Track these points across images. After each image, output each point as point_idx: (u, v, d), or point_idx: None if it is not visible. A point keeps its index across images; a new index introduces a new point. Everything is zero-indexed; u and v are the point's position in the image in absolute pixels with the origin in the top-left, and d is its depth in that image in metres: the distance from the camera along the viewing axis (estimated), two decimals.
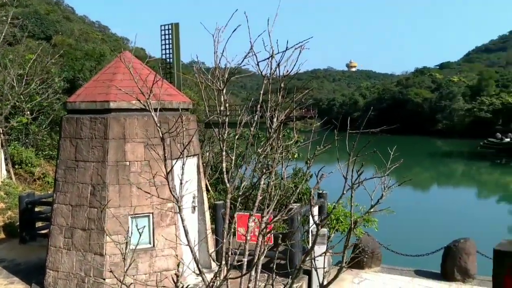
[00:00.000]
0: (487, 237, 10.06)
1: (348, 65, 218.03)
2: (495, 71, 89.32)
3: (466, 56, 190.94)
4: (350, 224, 2.44)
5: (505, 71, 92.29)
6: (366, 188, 2.51)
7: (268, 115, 2.77)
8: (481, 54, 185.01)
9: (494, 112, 58.70)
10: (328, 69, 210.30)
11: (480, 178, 38.98)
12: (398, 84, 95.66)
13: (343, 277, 8.84)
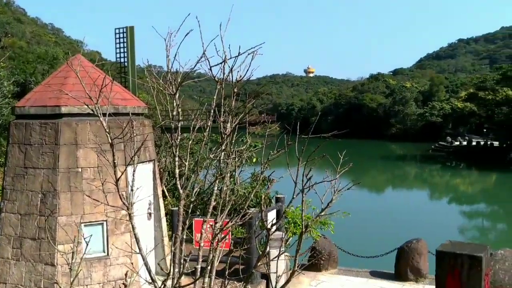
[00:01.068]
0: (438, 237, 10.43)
1: (306, 71, 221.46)
2: (445, 77, 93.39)
3: (418, 63, 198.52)
4: (302, 228, 2.46)
5: (454, 77, 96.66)
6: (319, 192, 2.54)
7: (221, 120, 2.75)
8: (432, 61, 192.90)
9: (444, 117, 61.24)
10: (287, 74, 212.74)
11: (432, 180, 40.48)
12: (354, 89, 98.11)
13: (301, 280, 8.92)
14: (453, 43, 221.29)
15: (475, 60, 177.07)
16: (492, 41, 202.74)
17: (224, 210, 2.71)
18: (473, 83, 54.24)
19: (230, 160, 2.63)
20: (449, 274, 3.09)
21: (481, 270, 3.06)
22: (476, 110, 50.18)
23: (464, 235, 20.67)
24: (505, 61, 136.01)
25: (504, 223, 24.91)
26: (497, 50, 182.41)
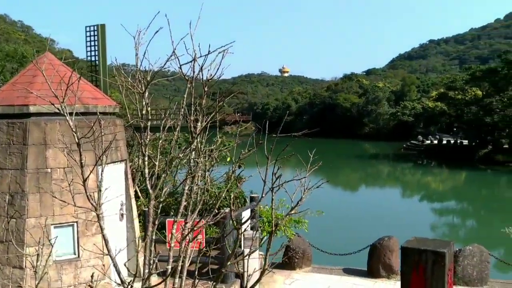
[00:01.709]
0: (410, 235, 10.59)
1: (281, 70, 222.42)
2: (417, 77, 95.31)
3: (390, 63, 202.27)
4: (272, 227, 2.46)
5: (426, 77, 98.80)
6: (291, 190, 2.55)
7: (191, 119, 2.73)
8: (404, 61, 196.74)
9: (416, 116, 62.59)
10: (262, 74, 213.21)
11: (404, 179, 41.28)
12: (328, 89, 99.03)
13: (275, 278, 8.96)
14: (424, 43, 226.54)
15: (445, 61, 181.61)
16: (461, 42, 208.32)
17: (194, 210, 2.70)
18: (443, 83, 55.55)
19: (201, 159, 2.62)
20: (414, 270, 3.15)
21: (444, 265, 3.14)
22: (446, 110, 51.45)
23: (435, 232, 21.12)
24: (474, 61, 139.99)
25: (473, 219, 25.61)
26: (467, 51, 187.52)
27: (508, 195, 32.22)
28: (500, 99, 42.36)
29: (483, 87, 47.61)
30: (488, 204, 28.78)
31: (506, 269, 11.50)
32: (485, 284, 8.69)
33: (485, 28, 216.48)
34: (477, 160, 44.63)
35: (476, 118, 43.97)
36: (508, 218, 24.51)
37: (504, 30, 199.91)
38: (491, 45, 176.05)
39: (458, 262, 8.79)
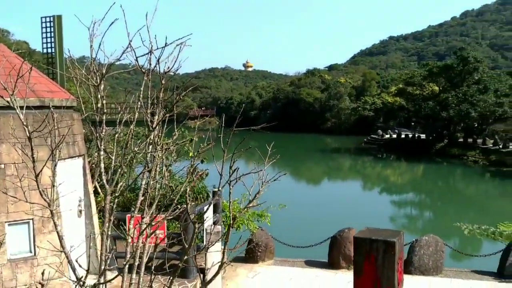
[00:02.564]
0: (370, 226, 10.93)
1: (245, 65, 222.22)
2: (377, 73, 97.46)
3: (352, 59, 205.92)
4: (230, 220, 2.47)
5: (385, 73, 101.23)
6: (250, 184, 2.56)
7: (148, 112, 2.69)
8: (365, 57, 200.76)
9: (376, 111, 64.08)
10: (226, 68, 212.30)
11: (365, 172, 42.24)
12: (291, 84, 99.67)
13: (238, 272, 9.00)
14: (385, 40, 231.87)
15: (404, 57, 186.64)
16: (420, 39, 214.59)
17: (152, 205, 2.66)
18: (402, 79, 57.00)
19: (157, 153, 2.58)
20: (366, 259, 3.26)
21: (394, 254, 3.26)
22: (405, 105, 52.89)
23: (394, 223, 21.75)
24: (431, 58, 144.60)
25: (430, 211, 26.54)
26: (425, 48, 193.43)
27: (462, 186, 33.61)
28: (456, 95, 43.93)
29: (440, 83, 49.23)
30: (444, 196, 29.92)
31: (460, 258, 12.01)
32: (440, 273, 9.04)
33: (442, 25, 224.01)
34: (433, 153, 46.21)
35: (433, 113, 45.44)
36: (462, 209, 25.61)
37: (460, 28, 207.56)
38: (448, 42, 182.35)
39: (414, 252, 9.11)
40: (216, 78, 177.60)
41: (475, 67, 44.94)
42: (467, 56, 44.99)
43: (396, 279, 3.26)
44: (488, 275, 9.02)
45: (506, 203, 26.81)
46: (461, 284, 8.51)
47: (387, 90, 71.27)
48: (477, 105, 42.37)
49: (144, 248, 2.72)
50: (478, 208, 25.53)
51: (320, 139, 70.58)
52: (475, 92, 43.15)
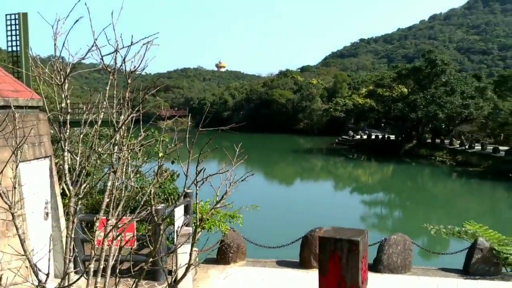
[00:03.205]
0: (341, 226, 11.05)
1: (217, 65, 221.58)
2: (348, 75, 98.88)
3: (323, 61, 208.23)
4: (196, 221, 2.44)
5: (356, 75, 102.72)
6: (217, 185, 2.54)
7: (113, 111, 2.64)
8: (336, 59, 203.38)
9: (347, 112, 64.91)
10: (198, 68, 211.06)
11: (336, 172, 42.75)
12: (264, 85, 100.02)
13: (210, 273, 8.95)
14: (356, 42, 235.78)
15: (374, 59, 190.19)
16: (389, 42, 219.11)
17: (117, 207, 2.61)
18: (372, 80, 58.03)
19: (123, 154, 2.54)
20: (330, 258, 3.29)
21: (358, 253, 3.31)
22: (375, 106, 53.86)
23: (365, 223, 22.06)
24: (400, 60, 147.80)
25: (400, 210, 27.08)
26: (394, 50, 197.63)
27: (430, 186, 34.45)
28: (424, 96, 45.00)
29: (409, 85, 50.34)
30: (412, 195, 30.59)
31: (427, 256, 12.29)
32: (408, 271, 9.22)
33: (411, 28, 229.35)
34: (403, 154, 47.21)
35: (402, 114, 46.42)
36: (430, 208, 26.24)
37: (428, 31, 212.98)
38: (417, 45, 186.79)
39: (383, 251, 9.27)
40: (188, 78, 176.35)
41: (443, 70, 46.15)
42: (435, 58, 46.15)
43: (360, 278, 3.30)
44: (454, 272, 9.27)
45: (471, 202, 27.65)
46: (428, 281, 8.71)
47: (357, 92, 72.41)
48: (444, 106, 43.53)
49: (110, 250, 2.66)
50: (446, 207, 26.23)
51: (292, 140, 71.06)
52: (442, 94, 44.31)
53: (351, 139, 60.04)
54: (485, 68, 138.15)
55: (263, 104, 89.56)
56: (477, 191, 30.76)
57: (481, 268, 9.06)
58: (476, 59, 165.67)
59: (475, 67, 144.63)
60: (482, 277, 8.92)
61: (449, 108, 43.57)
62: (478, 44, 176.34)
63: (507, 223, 20.22)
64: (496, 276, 8.98)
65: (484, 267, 9.06)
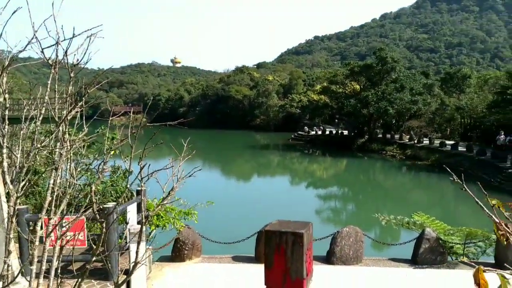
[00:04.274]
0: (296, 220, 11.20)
1: (173, 61, 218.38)
2: (303, 72, 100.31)
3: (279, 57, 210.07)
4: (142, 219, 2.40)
5: (311, 72, 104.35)
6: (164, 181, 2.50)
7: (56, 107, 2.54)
8: (291, 56, 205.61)
9: (302, 108, 65.87)
10: (153, 64, 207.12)
11: (292, 167, 43.29)
12: (220, 81, 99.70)
13: (165, 271, 8.84)
14: (310, 40, 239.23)
15: (328, 56, 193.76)
16: (343, 39, 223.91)
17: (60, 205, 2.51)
18: (326, 77, 59.10)
19: (64, 150, 2.44)
20: (276, 251, 3.33)
21: (303, 246, 3.37)
22: (329, 102, 54.91)
23: (319, 216, 22.48)
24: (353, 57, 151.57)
25: (353, 203, 27.79)
26: (347, 48, 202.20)
27: (381, 179, 35.57)
28: (375, 93, 46.34)
29: (361, 82, 51.68)
30: (365, 189, 31.49)
31: (379, 247, 12.69)
32: (360, 262, 9.50)
33: (363, 27, 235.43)
34: (355, 149, 48.46)
35: (354, 110, 47.57)
36: (381, 200, 27.12)
37: (379, 29, 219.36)
38: (368, 43, 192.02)
39: (336, 243, 9.49)
40: (142, 73, 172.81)
41: (393, 67, 47.68)
42: (386, 56, 47.59)
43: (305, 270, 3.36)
44: (404, 262, 9.63)
45: (420, 194, 28.82)
46: (378, 272, 9.00)
47: (312, 88, 73.63)
48: (394, 102, 45.02)
49: (54, 251, 2.57)
50: (396, 199, 27.19)
51: (249, 136, 71.32)
52: (392, 91, 45.78)
53: (306, 135, 60.99)
54: (433, 66, 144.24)
55: (220, 100, 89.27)
56: (425, 183, 32.09)
57: (428, 257, 9.46)
58: (424, 57, 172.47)
59: (424, 64, 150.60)
60: (429, 266, 9.32)
61: (399, 104, 45.11)
62: (426, 42, 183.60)
63: (453, 214, 21.26)
64: (442, 264, 9.42)
65: (431, 256, 9.47)
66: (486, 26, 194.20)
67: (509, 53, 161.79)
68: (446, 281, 8.43)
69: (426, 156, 38.66)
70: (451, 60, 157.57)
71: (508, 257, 8.89)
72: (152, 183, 2.74)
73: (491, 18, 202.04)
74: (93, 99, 5.48)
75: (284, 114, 74.43)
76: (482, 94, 46.76)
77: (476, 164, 31.79)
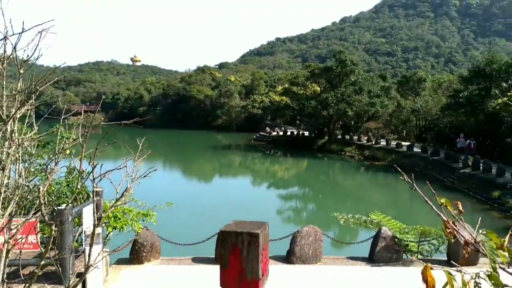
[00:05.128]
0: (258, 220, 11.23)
1: (132, 59, 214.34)
2: (265, 73, 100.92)
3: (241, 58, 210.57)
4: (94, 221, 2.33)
5: (273, 73, 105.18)
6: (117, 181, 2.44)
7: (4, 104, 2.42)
8: (254, 56, 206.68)
9: (264, 109, 66.19)
10: (112, 62, 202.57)
11: (254, 168, 43.42)
12: (181, 80, 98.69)
13: (122, 274, 8.65)
14: (272, 41, 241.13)
15: (290, 58, 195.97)
16: (304, 42, 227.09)
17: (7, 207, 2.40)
18: (288, 79, 59.70)
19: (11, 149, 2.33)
20: (231, 252, 3.33)
21: (258, 246, 3.38)
22: (291, 103, 55.40)
23: (280, 216, 22.65)
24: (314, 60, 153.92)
25: (313, 203, 28.17)
26: (308, 50, 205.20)
27: (340, 179, 36.28)
28: (335, 95, 47.18)
29: (321, 84, 52.48)
30: (325, 188, 32.01)
31: (338, 246, 12.93)
32: (319, 261, 9.63)
33: (324, 30, 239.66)
34: (316, 149, 49.19)
35: (315, 111, 48.25)
36: (340, 200, 27.65)
37: (339, 33, 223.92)
38: (329, 46, 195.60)
39: (296, 242, 9.59)
40: (101, 72, 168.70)
41: (352, 70, 48.71)
42: (345, 59, 48.55)
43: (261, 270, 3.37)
44: (361, 260, 9.85)
45: (377, 193, 29.59)
46: (337, 270, 9.16)
47: (274, 89, 74.10)
48: (353, 104, 46.02)
49: (1, 255, 2.45)
50: (355, 198, 27.80)
51: (211, 136, 70.99)
52: (351, 93, 46.78)
53: (268, 136, 61.35)
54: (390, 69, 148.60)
55: (181, 99, 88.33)
56: (382, 183, 32.98)
57: (384, 255, 9.72)
58: (382, 60, 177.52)
59: (381, 67, 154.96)
60: (385, 264, 9.58)
61: (358, 106, 46.16)
62: (384, 46, 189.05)
63: (408, 213, 21.96)
64: (397, 262, 9.70)
65: (387, 255, 9.73)
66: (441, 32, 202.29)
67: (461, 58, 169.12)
68: (402, 278, 8.69)
69: (383, 157, 39.74)
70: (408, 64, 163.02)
71: (459, 254, 9.27)
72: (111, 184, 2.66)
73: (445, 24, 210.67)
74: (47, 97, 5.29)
75: (246, 115, 74.56)
76: (436, 97, 48.53)
77: (430, 164, 32.99)
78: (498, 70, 35.19)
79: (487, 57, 38.30)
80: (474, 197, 24.34)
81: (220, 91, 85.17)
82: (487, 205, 22.46)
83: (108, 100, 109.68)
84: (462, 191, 25.85)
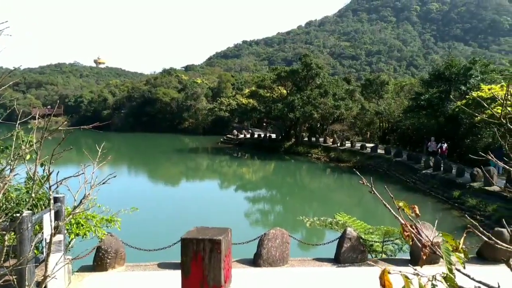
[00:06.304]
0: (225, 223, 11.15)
1: (96, 61, 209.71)
2: (232, 75, 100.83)
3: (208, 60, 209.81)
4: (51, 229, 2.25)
5: (240, 76, 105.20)
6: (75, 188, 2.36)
7: None
8: (220, 59, 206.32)
9: (231, 112, 66.09)
10: (74, 64, 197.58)
11: (222, 170, 43.25)
12: (147, 83, 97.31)
13: (86, 282, 8.41)
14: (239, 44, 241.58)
15: (256, 61, 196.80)
16: (270, 45, 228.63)
17: None
18: (255, 81, 59.81)
19: None
20: (193, 259, 3.30)
21: (220, 252, 3.37)
22: (257, 106, 55.58)
23: (248, 219, 22.67)
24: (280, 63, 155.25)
25: (280, 205, 28.31)
26: (274, 53, 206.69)
27: (307, 181, 36.65)
28: (301, 97, 47.67)
29: (288, 86, 52.93)
30: (292, 190, 32.25)
31: (305, 247, 13.04)
32: (286, 263, 9.68)
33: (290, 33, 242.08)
34: (283, 152, 49.53)
35: (281, 114, 48.58)
36: (307, 201, 27.94)
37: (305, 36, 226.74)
38: (294, 49, 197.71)
39: (263, 245, 9.60)
40: (63, 74, 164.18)
41: (317, 73, 49.37)
42: (310, 62, 49.17)
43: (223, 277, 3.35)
44: (327, 261, 9.96)
45: (343, 195, 30.07)
46: (303, 271, 9.23)
47: (241, 92, 74.21)
48: (318, 107, 46.64)
49: None
50: (321, 200, 28.14)
51: (178, 139, 70.30)
52: (317, 96, 47.39)
53: (235, 138, 61.30)
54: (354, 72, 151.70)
55: (147, 102, 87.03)
56: (347, 185, 33.53)
57: (350, 256, 9.87)
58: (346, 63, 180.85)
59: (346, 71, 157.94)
60: (351, 264, 9.72)
61: (323, 109, 46.82)
62: (348, 50, 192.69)
63: (372, 213, 22.40)
64: (363, 262, 9.86)
65: (353, 255, 9.89)
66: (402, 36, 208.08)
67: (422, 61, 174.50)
68: (366, 279, 8.84)
69: (348, 158, 40.43)
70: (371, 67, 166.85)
71: (421, 254, 9.51)
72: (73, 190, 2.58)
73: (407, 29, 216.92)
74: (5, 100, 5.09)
75: (213, 118, 74.24)
76: (399, 99, 49.85)
77: (393, 165, 33.82)
78: (457, 74, 36.53)
79: (447, 61, 39.74)
80: (435, 196, 25.10)
81: (186, 94, 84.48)
82: (448, 205, 23.21)
83: (71, 103, 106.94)
84: (424, 191, 26.62)
